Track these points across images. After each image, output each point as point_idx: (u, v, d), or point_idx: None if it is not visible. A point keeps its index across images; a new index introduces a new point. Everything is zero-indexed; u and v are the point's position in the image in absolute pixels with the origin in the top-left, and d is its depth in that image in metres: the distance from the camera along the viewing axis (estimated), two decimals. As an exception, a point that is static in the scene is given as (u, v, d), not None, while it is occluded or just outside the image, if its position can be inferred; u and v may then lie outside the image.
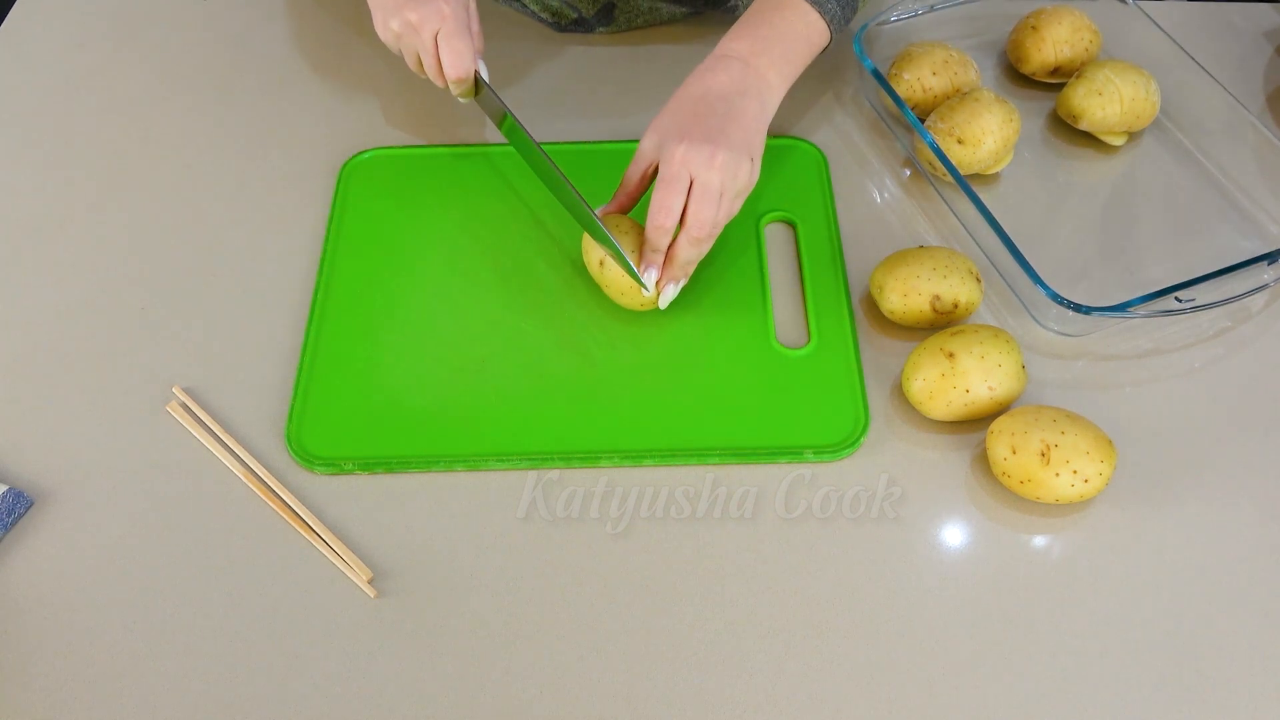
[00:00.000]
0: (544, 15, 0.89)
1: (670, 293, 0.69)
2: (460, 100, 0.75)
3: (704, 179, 0.65)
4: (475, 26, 0.73)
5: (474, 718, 0.57)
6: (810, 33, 0.73)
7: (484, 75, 0.73)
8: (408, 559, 0.62)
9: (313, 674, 0.58)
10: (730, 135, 0.66)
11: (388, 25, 0.72)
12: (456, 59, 0.71)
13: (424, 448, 0.66)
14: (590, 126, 0.83)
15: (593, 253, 0.69)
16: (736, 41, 0.71)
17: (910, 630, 0.60)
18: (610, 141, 0.82)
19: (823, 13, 0.72)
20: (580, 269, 0.74)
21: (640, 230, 0.69)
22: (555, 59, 0.89)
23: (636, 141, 0.69)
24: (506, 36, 0.90)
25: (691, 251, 0.67)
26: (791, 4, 0.72)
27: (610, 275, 0.69)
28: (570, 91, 0.86)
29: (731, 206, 0.67)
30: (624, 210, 0.71)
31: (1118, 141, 0.81)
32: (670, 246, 0.67)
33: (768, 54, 0.71)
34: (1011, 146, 0.78)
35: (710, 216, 0.66)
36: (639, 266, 0.67)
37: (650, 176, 0.70)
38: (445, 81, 0.73)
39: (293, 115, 0.85)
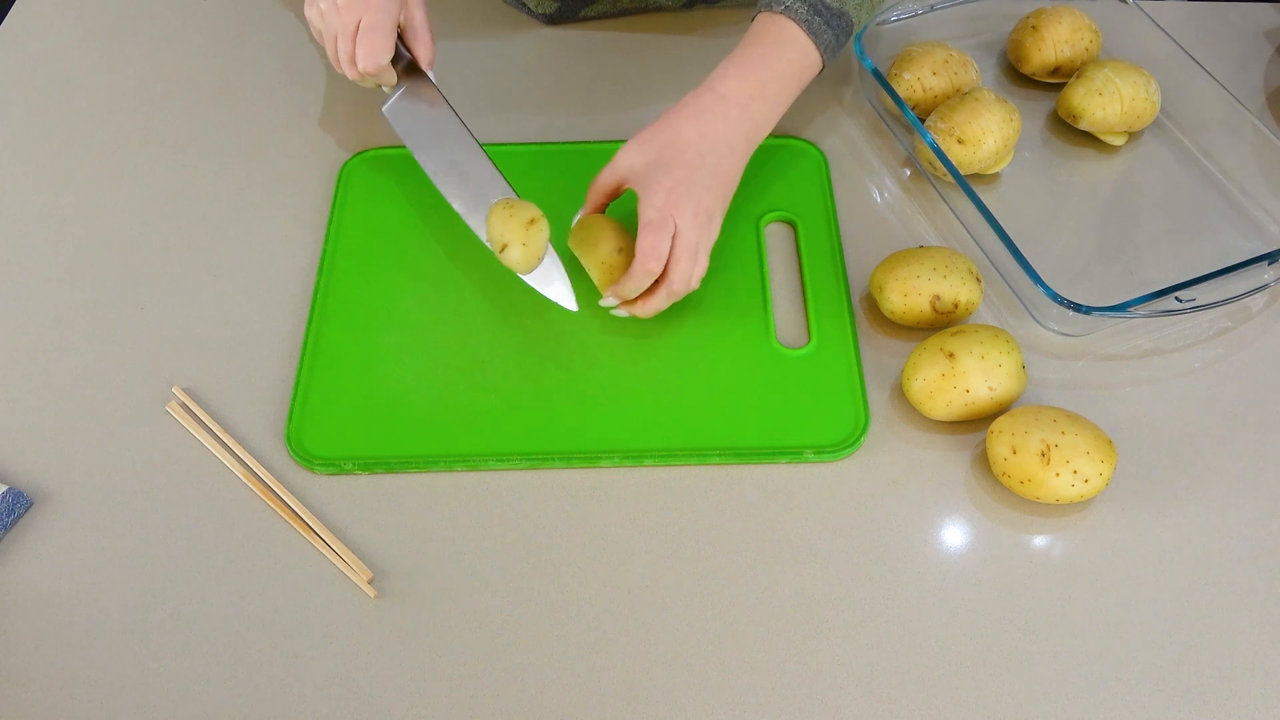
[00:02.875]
0: (531, 5, 0.89)
1: (623, 311, 0.69)
2: (382, 89, 0.76)
3: (686, 234, 0.66)
4: (419, 25, 0.74)
5: (474, 718, 0.57)
6: (806, 66, 0.72)
7: (431, 78, 0.75)
8: (408, 559, 0.62)
9: (313, 674, 0.58)
10: (713, 193, 0.67)
11: (315, 2, 0.72)
12: (370, 53, 0.70)
13: (424, 448, 0.66)
14: (590, 125, 0.83)
15: (582, 255, 0.70)
16: (735, 81, 0.69)
17: (910, 630, 0.60)
18: (606, 141, 0.82)
19: (818, 44, 0.71)
20: (578, 270, 0.74)
21: (617, 229, 0.69)
22: (549, 54, 0.89)
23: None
24: (499, 29, 0.90)
25: (667, 303, 0.68)
26: (791, 38, 0.71)
27: (589, 268, 0.69)
28: (565, 88, 0.86)
29: (703, 264, 0.68)
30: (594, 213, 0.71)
31: (1118, 141, 0.81)
32: (645, 295, 0.68)
33: (764, 99, 0.70)
34: (1011, 146, 0.78)
35: (688, 272, 0.66)
36: (626, 267, 0.68)
37: (618, 192, 0.70)
38: (357, 72, 0.72)
39: (293, 115, 0.85)
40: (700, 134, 0.68)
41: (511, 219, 0.67)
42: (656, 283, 0.67)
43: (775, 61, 0.71)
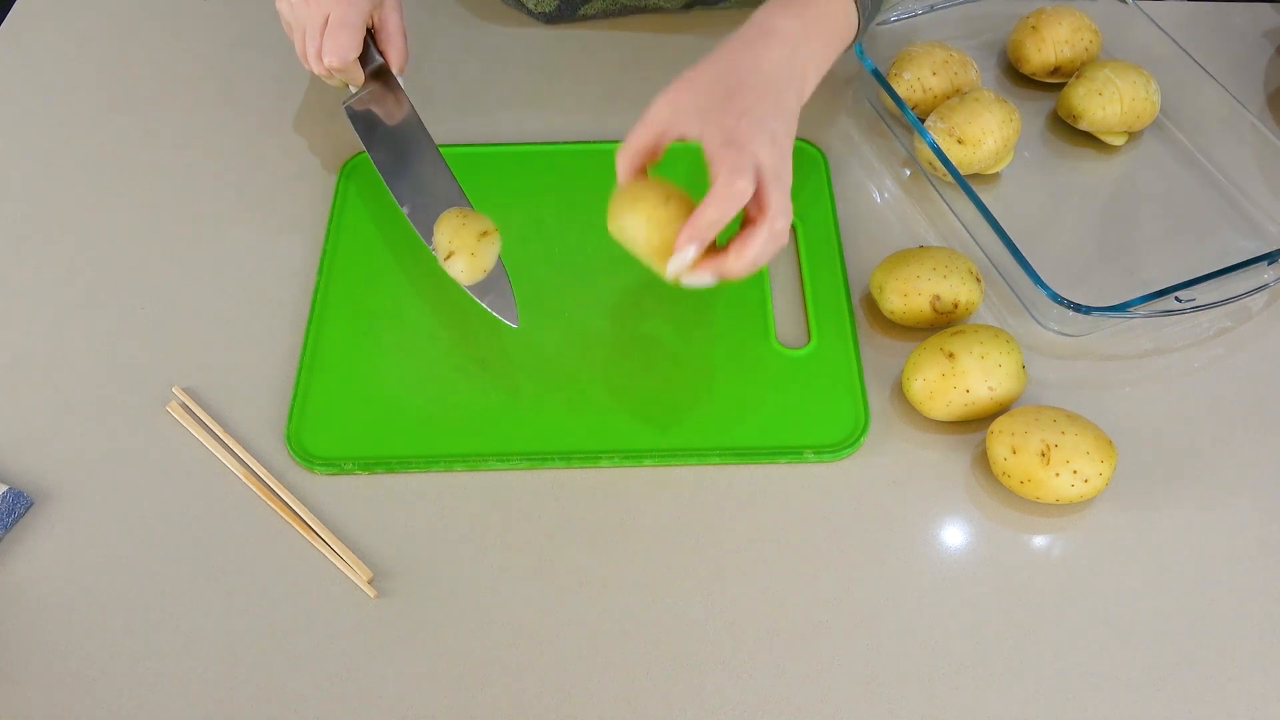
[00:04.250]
0: (530, 4, 0.89)
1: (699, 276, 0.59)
2: (348, 87, 0.77)
3: (768, 162, 0.57)
4: (393, 29, 0.74)
5: (474, 718, 0.57)
6: (846, 25, 0.67)
7: (400, 82, 0.75)
8: (408, 559, 0.62)
9: (313, 674, 0.58)
10: (783, 126, 0.59)
11: None
12: (335, 48, 0.70)
13: (424, 448, 0.66)
14: (589, 126, 0.83)
15: (623, 219, 0.61)
16: (784, 19, 0.63)
17: (910, 630, 0.60)
18: (606, 141, 0.82)
19: (858, 3, 0.67)
20: (578, 270, 0.74)
21: (658, 183, 0.61)
22: (548, 53, 0.89)
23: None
24: (498, 29, 0.90)
25: (771, 249, 0.57)
26: None
27: (636, 237, 0.60)
28: (564, 88, 0.86)
29: (789, 206, 0.58)
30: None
31: (1118, 141, 0.81)
32: (738, 242, 0.58)
33: (811, 42, 0.64)
34: (1011, 146, 0.78)
35: (786, 203, 0.57)
36: (681, 219, 0.57)
37: (657, 154, 0.62)
38: (323, 68, 0.73)
39: (293, 115, 0.85)
40: (756, 64, 0.60)
41: (464, 228, 0.66)
42: (751, 226, 0.57)
43: (824, 5, 0.65)
